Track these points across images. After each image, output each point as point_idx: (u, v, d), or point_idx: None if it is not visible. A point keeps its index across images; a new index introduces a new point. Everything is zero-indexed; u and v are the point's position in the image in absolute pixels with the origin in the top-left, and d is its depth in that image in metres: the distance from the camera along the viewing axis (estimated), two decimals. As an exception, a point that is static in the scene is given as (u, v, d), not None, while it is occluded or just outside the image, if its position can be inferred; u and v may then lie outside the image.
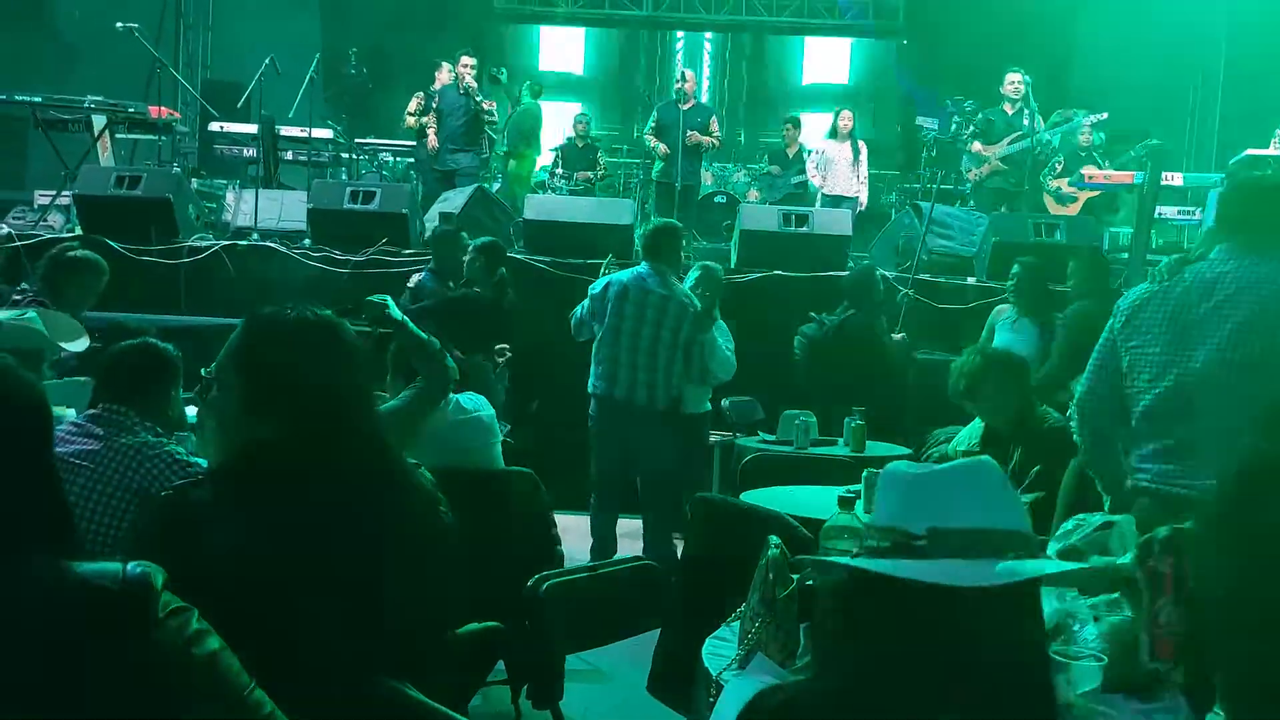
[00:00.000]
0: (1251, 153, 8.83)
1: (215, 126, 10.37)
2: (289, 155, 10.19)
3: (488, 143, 10.49)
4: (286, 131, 9.81)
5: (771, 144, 12.71)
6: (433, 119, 9.69)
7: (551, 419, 6.42)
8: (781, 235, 7.71)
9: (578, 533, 5.45)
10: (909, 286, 7.03)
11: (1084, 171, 9.39)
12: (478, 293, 6.06)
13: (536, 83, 11.91)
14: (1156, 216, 8.85)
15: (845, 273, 6.94)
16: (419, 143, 10.06)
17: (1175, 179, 9.33)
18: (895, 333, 6.47)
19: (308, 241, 7.79)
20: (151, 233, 7.38)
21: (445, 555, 2.04)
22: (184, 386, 3.28)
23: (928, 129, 11.05)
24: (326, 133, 10.25)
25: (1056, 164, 9.66)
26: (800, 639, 2.04)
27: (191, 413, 3.67)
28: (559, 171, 11.47)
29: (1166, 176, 8.80)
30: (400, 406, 3.14)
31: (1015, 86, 9.05)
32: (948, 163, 9.90)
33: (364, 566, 1.83)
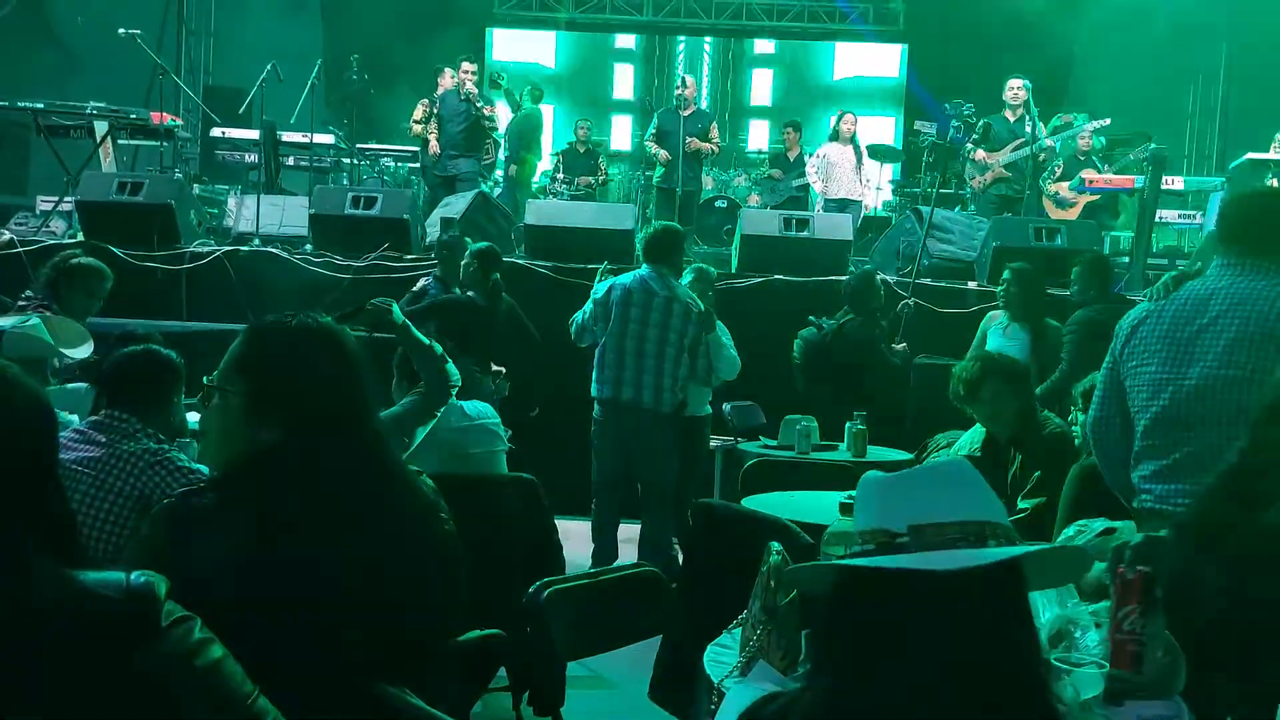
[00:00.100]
0: (1251, 156, 8.82)
1: (217, 132, 10.39)
2: (290, 161, 10.19)
3: (494, 146, 10.50)
4: (288, 137, 9.80)
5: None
6: (433, 124, 9.70)
7: (552, 424, 6.41)
8: (782, 240, 7.71)
9: (579, 538, 5.46)
10: (909, 291, 7.03)
11: (1084, 176, 9.39)
12: (470, 297, 6.06)
13: (538, 87, 11.92)
14: (1157, 220, 8.85)
15: (845, 277, 6.94)
16: (422, 149, 10.07)
17: (1176, 183, 9.33)
18: (896, 343, 6.45)
19: (309, 247, 7.80)
20: (153, 238, 7.37)
21: (446, 562, 2.04)
22: (186, 393, 3.29)
23: (925, 134, 11.06)
24: (328, 138, 10.26)
25: (1055, 168, 9.66)
26: (802, 647, 2.04)
27: (193, 419, 3.69)
28: (560, 176, 11.49)
29: (1167, 180, 8.79)
30: (401, 413, 3.14)
31: (1016, 93, 9.05)
32: (947, 167, 9.90)
33: (365, 574, 1.83)
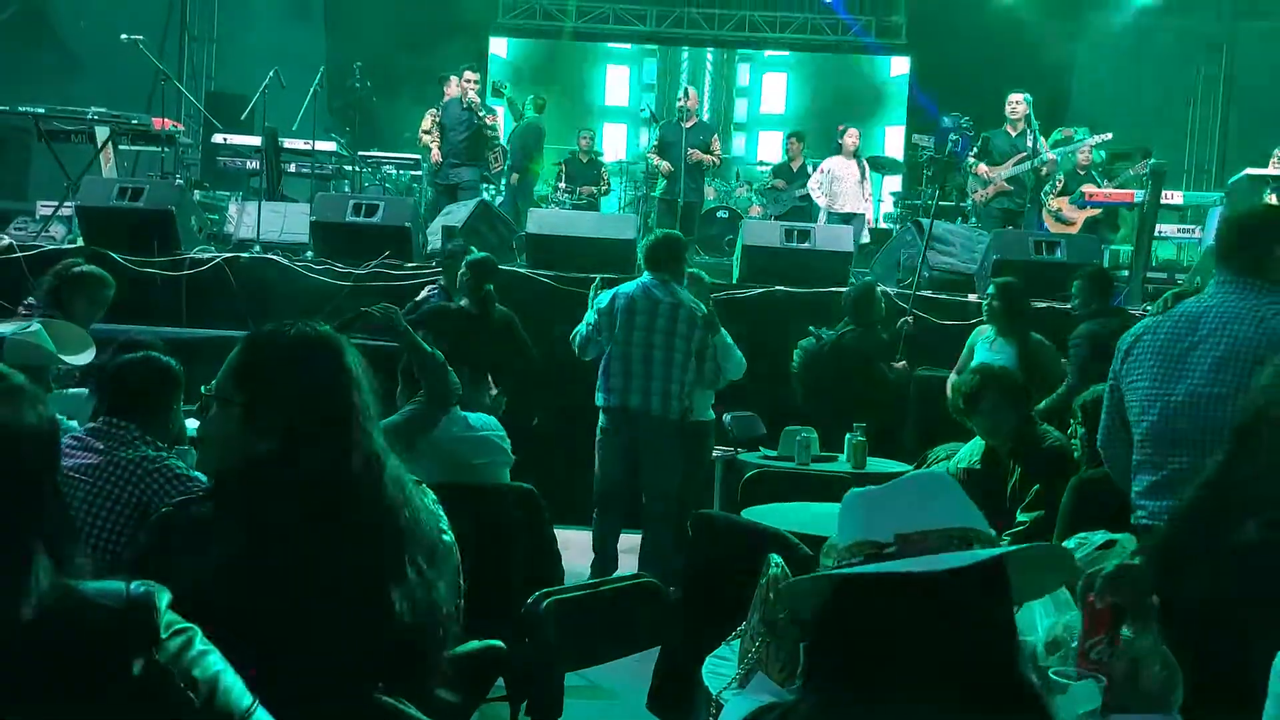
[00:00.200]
0: (1250, 172, 8.85)
1: (219, 138, 10.38)
2: (292, 168, 10.20)
3: (503, 154, 10.50)
4: (290, 144, 9.79)
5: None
6: (436, 133, 9.71)
7: (551, 434, 6.41)
8: (783, 251, 7.71)
9: (578, 547, 5.45)
10: (909, 303, 7.03)
11: (1084, 190, 9.41)
12: (461, 307, 6.04)
13: (540, 96, 11.92)
14: (1156, 235, 8.87)
15: (846, 289, 6.94)
16: (424, 157, 10.09)
17: (1175, 197, 9.36)
18: (896, 360, 6.43)
19: (310, 254, 7.79)
20: (154, 244, 7.36)
21: (445, 572, 2.04)
22: (185, 400, 3.29)
23: (924, 148, 11.08)
24: (330, 145, 10.27)
25: (1056, 182, 9.68)
26: (800, 659, 2.04)
27: (192, 426, 3.68)
28: (562, 185, 11.50)
29: (1166, 195, 8.81)
30: (401, 421, 3.13)
31: (1014, 108, 9.06)
32: (948, 180, 9.91)
33: (364, 583, 1.83)
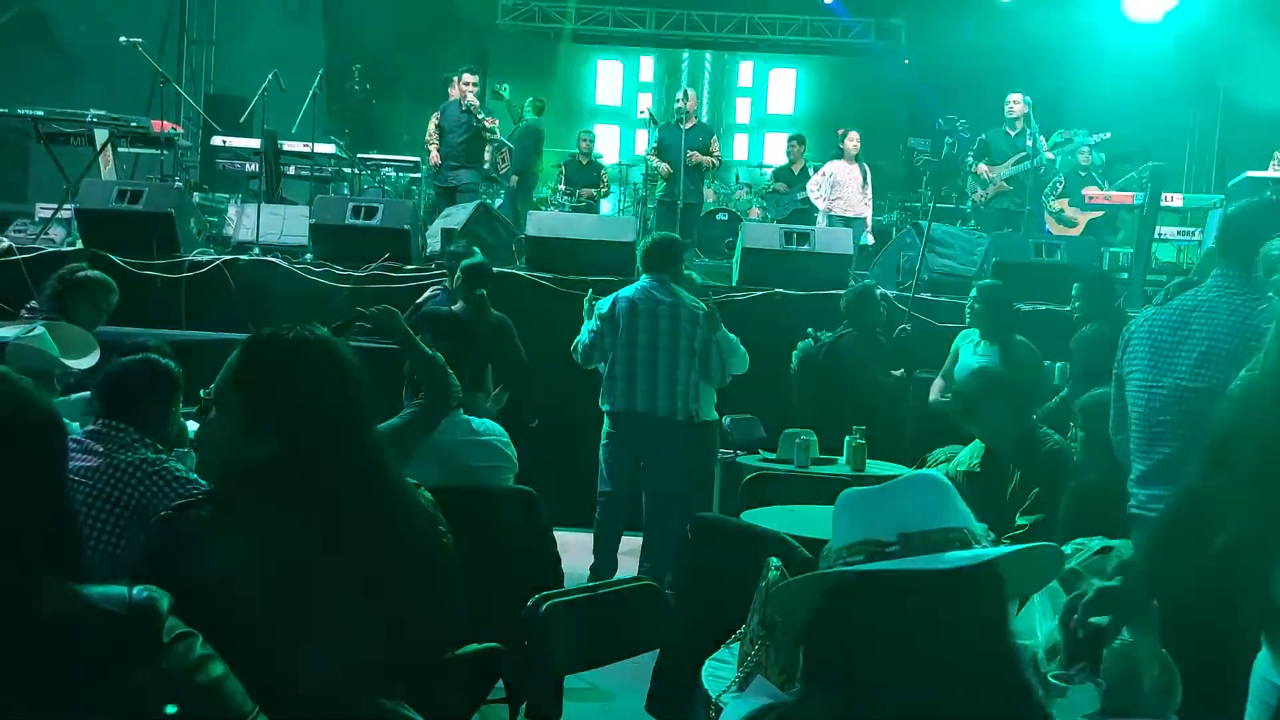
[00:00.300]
0: (1251, 174, 8.84)
1: (218, 141, 10.36)
2: (291, 170, 10.18)
3: (509, 154, 10.48)
4: (289, 146, 9.78)
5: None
6: (436, 136, 9.71)
7: (550, 436, 6.40)
8: (783, 253, 7.71)
9: (577, 549, 5.44)
10: (909, 305, 7.03)
11: (1085, 192, 9.41)
12: (452, 311, 6.03)
13: (539, 99, 11.92)
14: (1156, 237, 8.87)
15: (844, 291, 6.94)
16: (424, 160, 10.09)
17: (1175, 200, 9.35)
18: (894, 369, 6.40)
19: (309, 256, 7.79)
20: (153, 247, 7.36)
21: (444, 575, 2.04)
22: (185, 402, 3.29)
23: (920, 151, 11.09)
24: (329, 148, 10.26)
25: (1057, 184, 9.68)
26: (800, 661, 2.03)
27: (192, 428, 3.68)
28: (562, 188, 11.49)
29: (1166, 198, 8.82)
30: (400, 424, 3.11)
31: (1012, 107, 9.06)
32: (946, 182, 9.91)
33: (363, 587, 1.83)
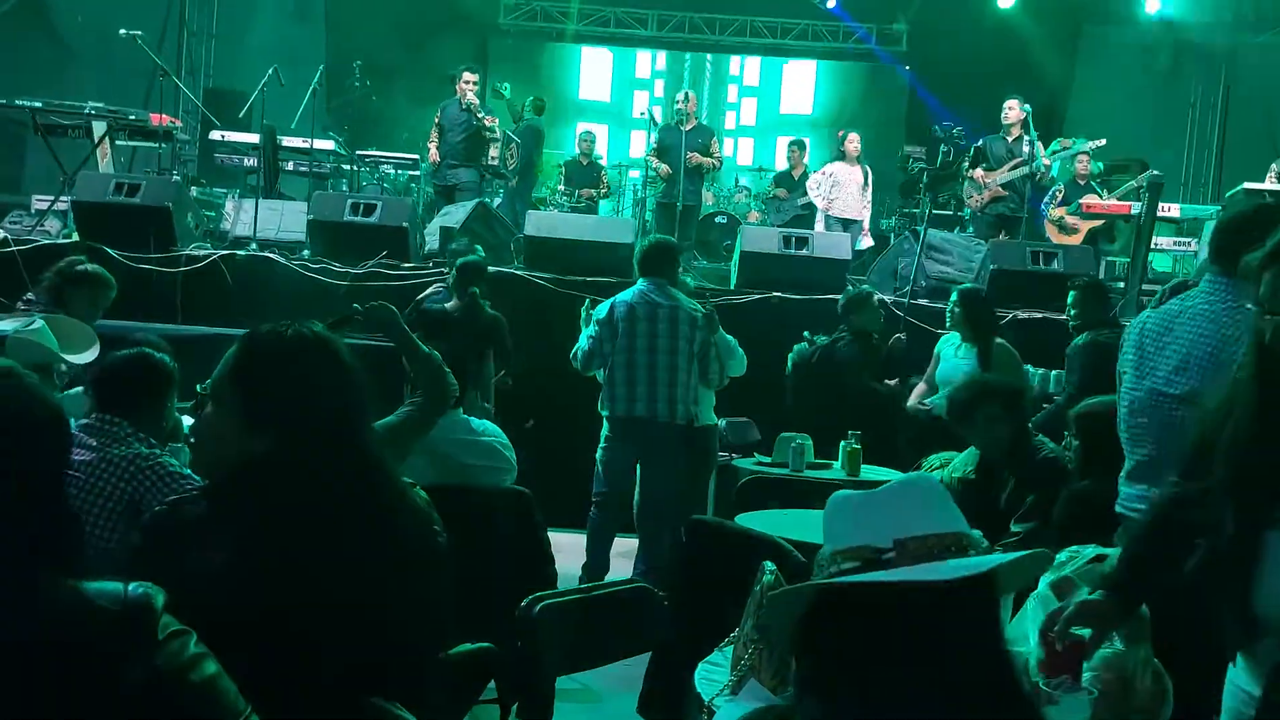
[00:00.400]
0: (1248, 186, 8.86)
1: (216, 135, 10.35)
2: (290, 166, 10.17)
3: (517, 149, 10.46)
4: (288, 142, 9.77)
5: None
6: (435, 134, 9.69)
7: (545, 435, 6.40)
8: (782, 257, 7.71)
9: (570, 551, 5.43)
10: (904, 311, 7.03)
11: (1083, 202, 9.42)
12: (444, 309, 6.03)
13: (539, 98, 11.90)
14: (1152, 247, 8.88)
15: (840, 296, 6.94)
16: (424, 158, 10.09)
17: (1172, 210, 9.37)
18: (890, 379, 6.39)
19: (307, 253, 7.78)
20: (150, 241, 7.34)
21: (438, 575, 2.03)
22: (179, 396, 3.28)
23: (916, 159, 11.10)
24: (328, 144, 10.25)
25: (1056, 193, 9.69)
26: (793, 668, 2.03)
27: (187, 423, 3.66)
28: (561, 188, 11.48)
29: (1163, 207, 8.82)
30: (396, 423, 3.10)
31: (1007, 114, 9.08)
32: (942, 189, 9.93)
33: (357, 586, 1.82)
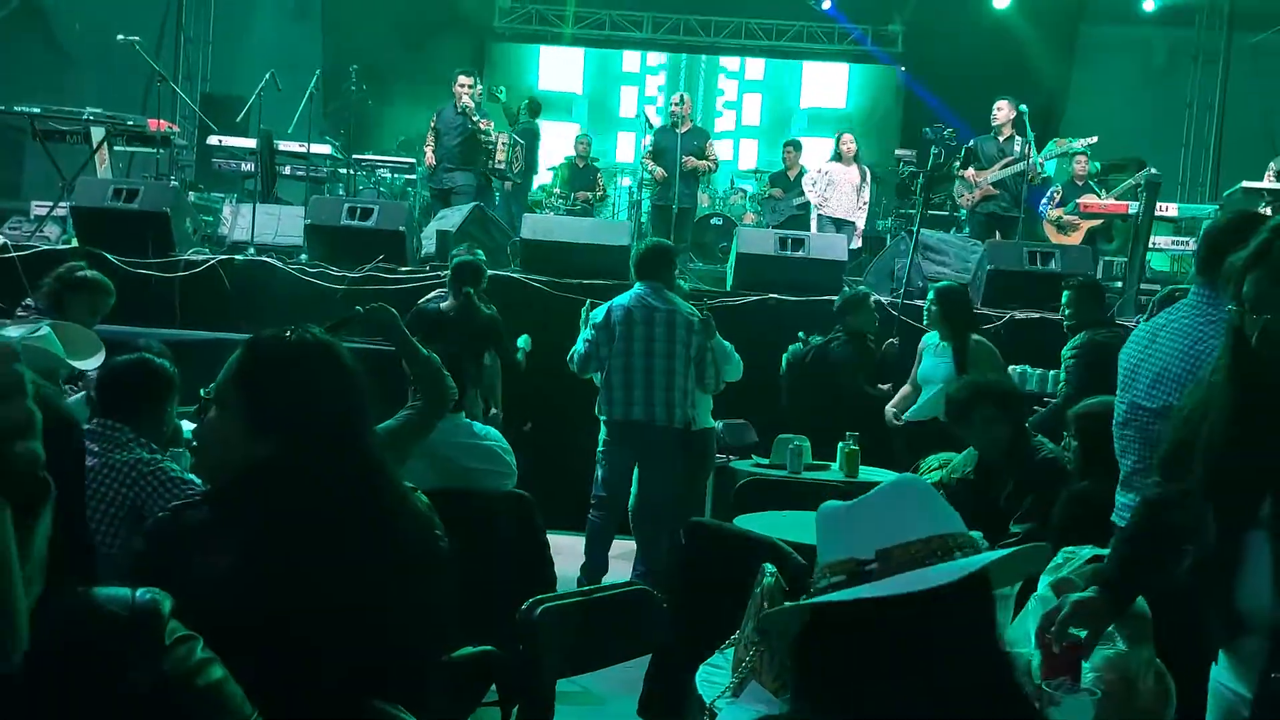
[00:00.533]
0: (1246, 185, 8.87)
1: (214, 140, 10.34)
2: (287, 170, 10.17)
3: (523, 151, 10.45)
4: (285, 146, 9.79)
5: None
6: (432, 138, 9.69)
7: (544, 438, 6.41)
8: (778, 259, 7.72)
9: (570, 553, 5.44)
10: (899, 311, 7.04)
11: (1080, 202, 9.44)
12: (440, 309, 6.04)
13: (536, 101, 11.91)
14: (1150, 246, 8.89)
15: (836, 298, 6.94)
16: (420, 161, 10.08)
17: (1170, 209, 9.38)
18: (883, 383, 6.39)
19: (304, 257, 7.79)
20: (148, 246, 7.35)
21: (440, 579, 2.04)
22: (179, 401, 3.28)
23: (907, 162, 11.12)
24: (325, 148, 10.25)
25: (1054, 193, 9.70)
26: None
27: (188, 428, 3.67)
28: (558, 191, 11.48)
29: (1161, 207, 8.83)
30: (396, 427, 3.10)
31: (995, 114, 9.09)
32: (935, 190, 9.94)
33: (359, 590, 1.82)
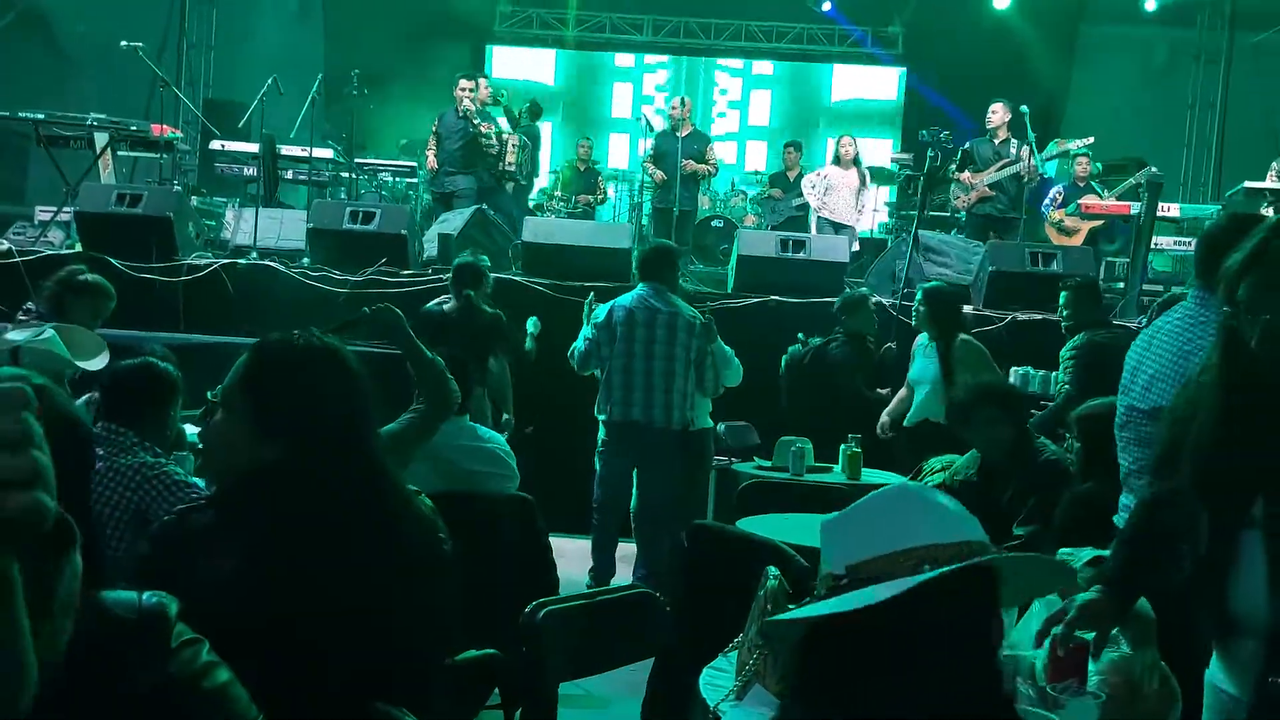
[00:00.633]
0: (1249, 185, 8.87)
1: (216, 145, 10.36)
2: (289, 174, 10.19)
3: (530, 155, 10.46)
4: (287, 151, 9.81)
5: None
6: (433, 142, 9.69)
7: (547, 441, 6.41)
8: (779, 260, 7.72)
9: (573, 556, 5.45)
10: (898, 312, 7.05)
11: (1082, 203, 9.43)
12: (443, 311, 6.05)
13: (537, 104, 11.89)
14: (1153, 247, 8.89)
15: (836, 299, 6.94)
16: (422, 165, 10.09)
17: (1172, 210, 9.37)
18: (881, 388, 6.38)
19: (306, 261, 7.80)
20: (151, 250, 7.37)
21: (443, 582, 2.04)
22: (183, 405, 3.29)
23: (903, 166, 11.13)
24: (327, 152, 10.27)
25: (1056, 195, 9.69)
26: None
27: (191, 431, 3.67)
28: (558, 194, 11.49)
29: (1163, 207, 8.83)
30: (399, 430, 3.11)
31: (992, 116, 9.09)
32: (932, 192, 9.92)
33: (363, 593, 1.83)
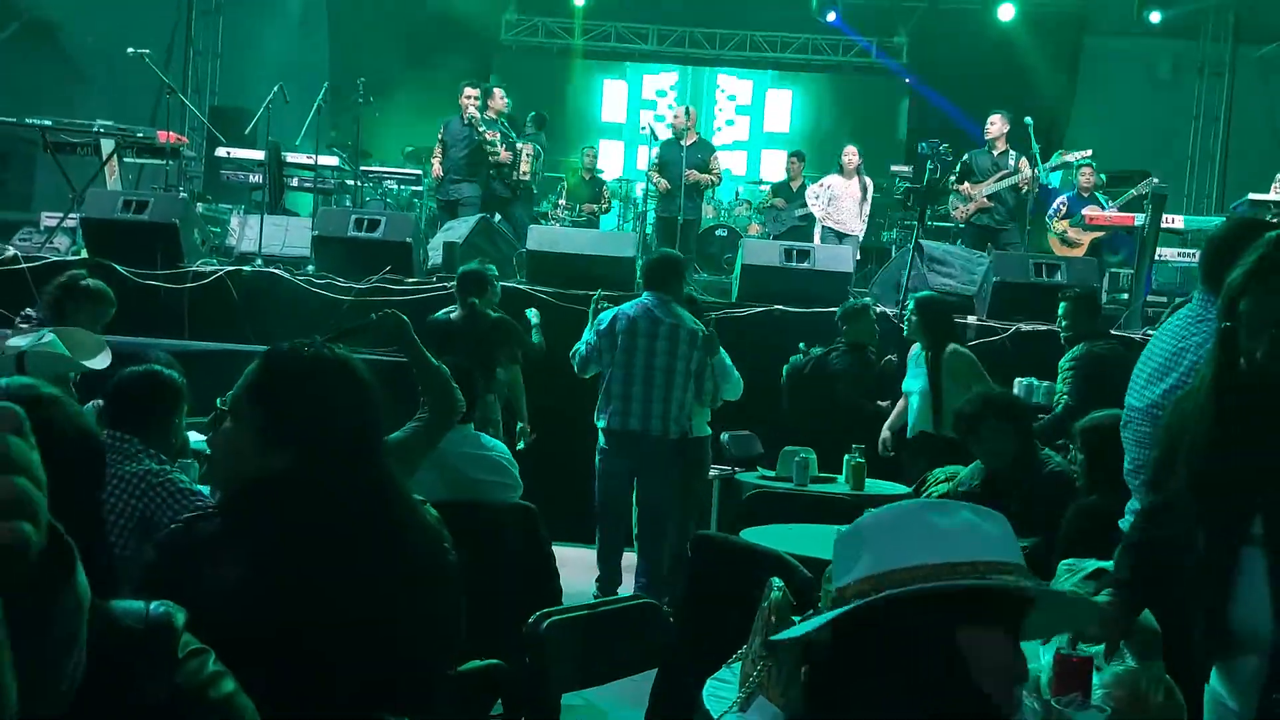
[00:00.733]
0: (1253, 197, 8.85)
1: (222, 152, 10.40)
2: (294, 182, 10.22)
3: (532, 158, 10.46)
4: (292, 158, 9.84)
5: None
6: (439, 149, 9.71)
7: (550, 449, 6.41)
8: (783, 270, 7.73)
9: (577, 565, 5.44)
10: (898, 322, 7.05)
11: (1085, 213, 9.42)
12: (450, 319, 6.06)
13: (541, 115, 11.90)
14: (1156, 259, 8.88)
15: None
16: (427, 173, 10.10)
17: (1176, 221, 9.36)
18: (881, 400, 6.37)
19: (311, 268, 7.82)
20: (157, 257, 7.38)
21: (448, 592, 2.04)
22: (187, 411, 3.29)
23: (902, 178, 11.13)
24: (332, 160, 10.29)
25: (1060, 206, 9.69)
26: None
27: (196, 439, 3.68)
28: (563, 203, 11.49)
29: (1167, 219, 8.82)
30: (404, 438, 3.11)
31: (988, 128, 9.10)
32: (931, 204, 9.93)
33: (369, 603, 1.83)
